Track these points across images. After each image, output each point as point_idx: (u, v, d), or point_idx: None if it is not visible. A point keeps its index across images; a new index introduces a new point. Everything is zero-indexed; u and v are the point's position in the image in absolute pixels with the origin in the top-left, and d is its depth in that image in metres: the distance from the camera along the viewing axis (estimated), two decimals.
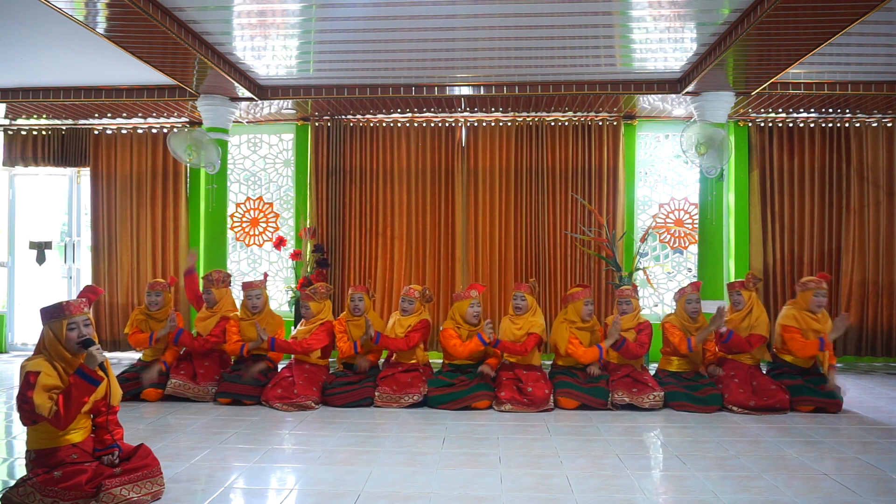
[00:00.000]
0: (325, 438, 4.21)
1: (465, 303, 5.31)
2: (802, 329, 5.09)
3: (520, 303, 5.37)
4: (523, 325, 5.30)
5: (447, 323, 5.42)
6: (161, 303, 5.50)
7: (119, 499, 2.96)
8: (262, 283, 5.54)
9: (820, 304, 5.12)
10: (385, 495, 3.20)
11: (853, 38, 4.94)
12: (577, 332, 5.28)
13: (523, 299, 5.37)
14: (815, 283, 5.15)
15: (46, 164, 7.64)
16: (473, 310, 5.30)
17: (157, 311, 5.49)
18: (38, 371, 2.96)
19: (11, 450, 4.02)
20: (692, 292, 5.34)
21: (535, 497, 3.19)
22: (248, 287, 5.47)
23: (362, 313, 5.50)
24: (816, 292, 5.11)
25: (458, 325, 5.36)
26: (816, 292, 5.11)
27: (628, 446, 4.05)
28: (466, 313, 5.30)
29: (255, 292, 5.44)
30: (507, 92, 6.26)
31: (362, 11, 4.61)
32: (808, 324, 5.10)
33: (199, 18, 4.71)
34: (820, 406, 4.92)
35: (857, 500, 3.16)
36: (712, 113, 6.13)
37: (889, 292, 6.99)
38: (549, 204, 7.17)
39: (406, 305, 5.48)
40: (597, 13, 4.61)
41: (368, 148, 7.32)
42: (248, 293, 5.45)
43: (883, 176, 7.03)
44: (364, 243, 7.30)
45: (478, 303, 5.33)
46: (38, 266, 7.85)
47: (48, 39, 5.08)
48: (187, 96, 6.35)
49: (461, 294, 5.40)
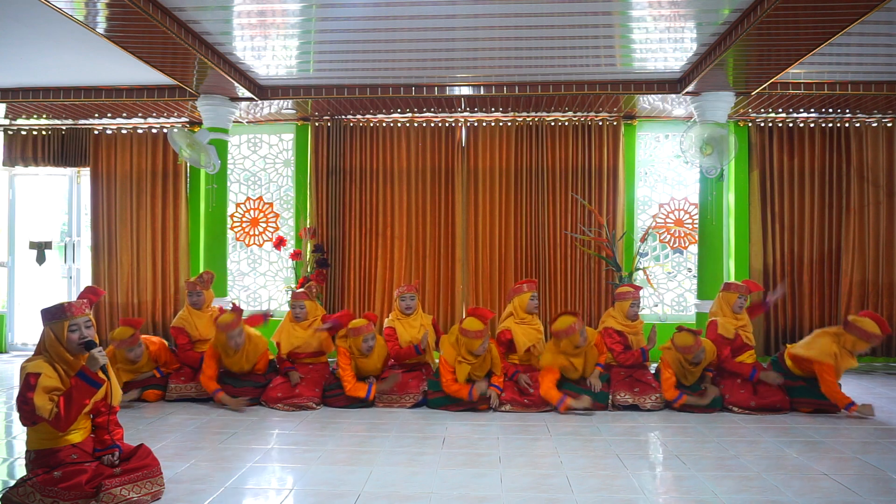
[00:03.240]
0: (325, 438, 4.21)
1: (475, 342, 4.82)
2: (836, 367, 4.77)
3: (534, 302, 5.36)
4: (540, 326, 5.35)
5: (445, 348, 4.97)
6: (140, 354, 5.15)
7: (119, 499, 2.97)
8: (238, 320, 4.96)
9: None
10: (385, 495, 3.20)
11: (853, 38, 4.93)
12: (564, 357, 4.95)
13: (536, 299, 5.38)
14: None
15: (46, 164, 7.63)
16: (483, 346, 4.87)
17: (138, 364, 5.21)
18: (38, 372, 2.96)
19: (11, 450, 4.02)
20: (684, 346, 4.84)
21: (535, 497, 3.19)
22: (227, 329, 4.89)
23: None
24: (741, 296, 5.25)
25: (459, 358, 4.91)
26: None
27: (628, 446, 4.05)
28: (477, 350, 4.87)
29: (236, 331, 4.94)
30: (507, 92, 6.25)
31: (362, 11, 4.61)
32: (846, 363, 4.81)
33: (199, 18, 4.71)
34: (820, 406, 4.91)
35: (857, 500, 3.16)
36: (712, 113, 6.13)
37: (889, 292, 6.98)
38: (549, 204, 7.17)
39: (409, 303, 5.46)
40: (597, 13, 4.61)
41: (368, 148, 7.32)
42: (228, 334, 4.91)
43: (883, 176, 7.03)
44: (364, 243, 7.30)
45: (487, 339, 4.89)
46: (38, 266, 7.84)
47: (48, 39, 5.08)
48: (187, 96, 6.35)
49: (470, 332, 4.82)
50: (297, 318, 5.43)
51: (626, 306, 5.29)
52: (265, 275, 7.63)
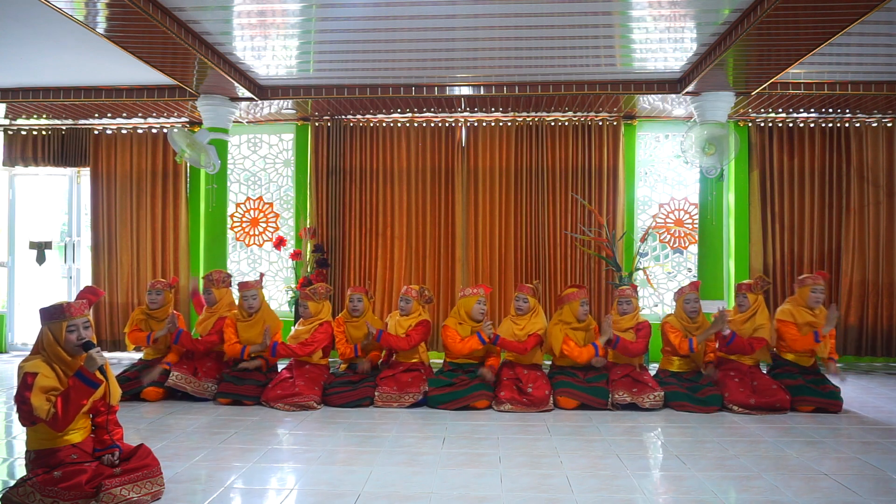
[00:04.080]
0: (325, 438, 4.21)
1: (472, 299, 5.30)
2: (798, 324, 5.13)
3: (521, 304, 5.36)
4: (525, 326, 5.30)
5: (449, 320, 5.40)
6: (161, 301, 5.52)
7: (119, 499, 2.96)
8: (258, 283, 5.51)
9: (817, 300, 5.17)
10: (385, 495, 3.20)
11: (853, 38, 4.93)
12: (572, 332, 5.26)
13: (525, 301, 5.36)
14: (812, 279, 5.20)
15: (46, 164, 7.64)
16: (480, 307, 5.30)
17: (156, 311, 5.51)
18: (35, 372, 2.96)
19: (11, 450, 4.02)
20: (690, 292, 5.35)
21: (535, 497, 3.19)
22: (244, 287, 5.44)
23: (361, 314, 5.50)
24: (814, 288, 5.17)
25: (460, 322, 5.34)
26: (814, 288, 5.17)
27: (628, 446, 4.05)
28: (473, 310, 5.29)
29: (252, 293, 5.40)
30: (507, 92, 6.25)
31: (362, 11, 4.61)
32: (804, 318, 5.14)
33: (199, 18, 4.71)
34: (820, 406, 4.92)
35: (857, 500, 3.16)
36: (712, 113, 6.13)
37: (889, 292, 6.99)
38: (549, 204, 7.17)
39: (403, 304, 5.49)
40: (597, 13, 4.61)
41: (368, 148, 7.32)
42: (244, 294, 5.42)
43: (883, 176, 7.03)
44: (364, 243, 7.30)
45: (484, 301, 5.33)
46: (38, 266, 7.85)
47: (48, 39, 5.08)
48: (187, 96, 6.35)
49: (469, 290, 5.38)
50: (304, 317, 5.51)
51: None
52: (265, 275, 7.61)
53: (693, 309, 5.30)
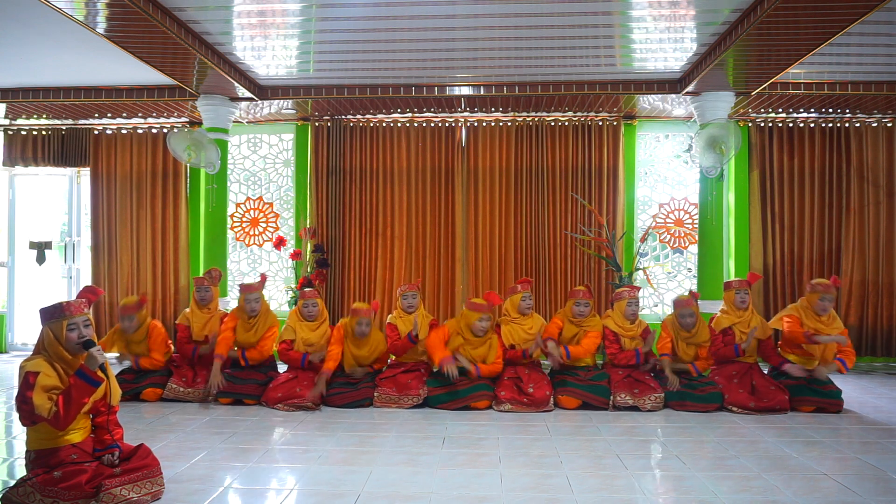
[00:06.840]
0: (325, 438, 4.21)
1: (474, 315, 5.12)
2: (803, 324, 5.09)
3: (529, 303, 5.36)
4: (533, 325, 5.32)
5: (449, 323, 5.32)
6: (136, 325, 5.28)
7: (119, 499, 2.96)
8: (261, 285, 5.41)
9: (824, 308, 5.07)
10: (385, 495, 3.20)
11: (853, 38, 4.93)
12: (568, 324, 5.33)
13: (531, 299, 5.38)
14: (824, 287, 5.10)
15: (46, 164, 7.63)
16: (482, 324, 5.12)
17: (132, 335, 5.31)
18: (37, 371, 2.96)
19: (11, 450, 4.02)
20: (686, 307, 5.22)
21: (535, 497, 3.19)
22: (247, 290, 5.33)
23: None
24: (823, 296, 5.07)
25: (457, 331, 5.20)
26: (823, 296, 5.07)
27: (628, 446, 4.05)
28: (474, 326, 5.13)
29: (255, 296, 5.31)
30: (507, 92, 6.25)
31: (362, 11, 4.61)
32: (811, 322, 5.08)
33: (199, 18, 4.71)
34: (820, 406, 4.92)
35: (857, 500, 3.16)
36: (712, 113, 6.13)
37: (889, 292, 6.98)
38: (549, 204, 7.17)
39: (411, 301, 5.46)
40: (597, 13, 4.61)
41: (368, 148, 7.32)
42: (246, 296, 5.31)
43: (883, 176, 7.03)
44: (364, 243, 7.30)
45: (488, 318, 5.14)
46: (38, 266, 7.85)
47: (48, 39, 5.08)
48: (187, 96, 6.35)
49: (476, 302, 5.16)
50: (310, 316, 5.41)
51: (623, 306, 5.31)
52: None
53: (688, 324, 5.24)
